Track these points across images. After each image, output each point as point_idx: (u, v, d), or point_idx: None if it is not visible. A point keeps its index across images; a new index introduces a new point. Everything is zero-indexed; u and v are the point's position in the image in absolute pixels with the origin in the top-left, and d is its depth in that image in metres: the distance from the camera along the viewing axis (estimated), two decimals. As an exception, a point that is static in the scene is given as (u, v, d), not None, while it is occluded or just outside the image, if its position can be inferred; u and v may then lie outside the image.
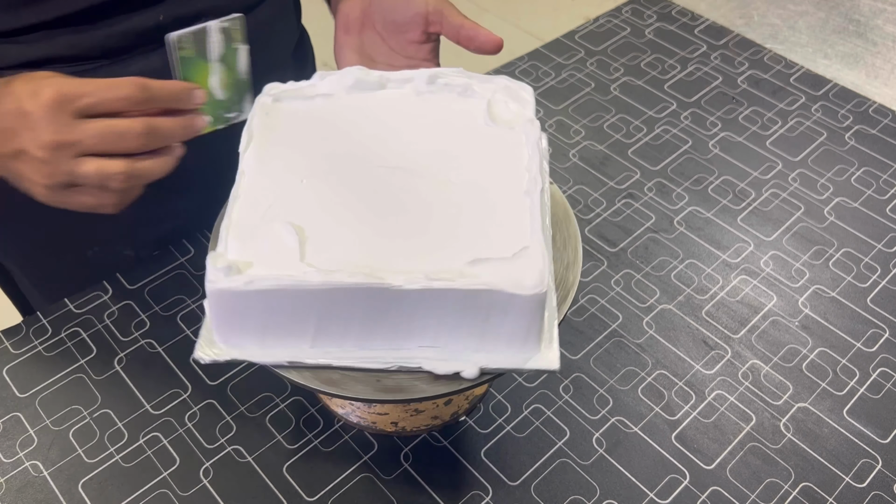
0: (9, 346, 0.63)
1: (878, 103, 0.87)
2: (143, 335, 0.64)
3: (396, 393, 0.44)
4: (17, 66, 0.58)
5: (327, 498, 0.55)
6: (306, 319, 0.44)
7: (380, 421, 0.57)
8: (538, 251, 0.44)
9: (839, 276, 0.70)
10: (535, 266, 0.43)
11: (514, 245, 0.44)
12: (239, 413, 0.59)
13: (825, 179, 0.78)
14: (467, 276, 0.42)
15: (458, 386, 0.44)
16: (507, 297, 0.42)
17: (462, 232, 0.46)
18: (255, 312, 0.44)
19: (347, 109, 0.53)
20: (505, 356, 0.45)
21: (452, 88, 0.54)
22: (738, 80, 0.89)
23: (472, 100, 0.53)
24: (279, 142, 0.51)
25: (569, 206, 0.54)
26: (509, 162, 0.49)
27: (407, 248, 0.45)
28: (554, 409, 0.60)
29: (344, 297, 0.42)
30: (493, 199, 0.47)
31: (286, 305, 0.43)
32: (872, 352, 0.64)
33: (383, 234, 0.45)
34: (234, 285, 0.42)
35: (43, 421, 0.59)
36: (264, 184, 0.48)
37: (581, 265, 0.50)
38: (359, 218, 0.46)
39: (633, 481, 0.56)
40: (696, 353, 0.64)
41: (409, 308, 0.43)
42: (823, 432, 0.59)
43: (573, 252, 0.51)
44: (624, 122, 0.84)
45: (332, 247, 0.45)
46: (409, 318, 0.44)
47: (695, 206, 0.76)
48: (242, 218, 0.46)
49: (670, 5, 1.00)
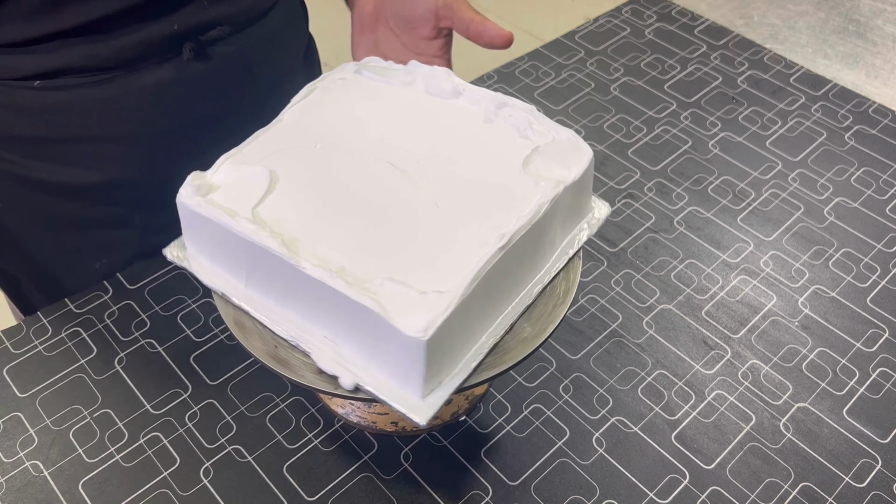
0: (9, 346, 0.63)
1: (878, 103, 0.87)
2: (143, 335, 0.64)
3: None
4: (33, 77, 0.58)
5: (327, 498, 0.55)
6: (239, 261, 0.47)
7: (380, 421, 0.57)
8: (446, 301, 0.41)
9: (839, 276, 0.70)
10: (431, 312, 0.40)
11: (443, 283, 0.42)
12: (239, 413, 0.59)
13: (825, 179, 0.78)
14: (366, 289, 0.42)
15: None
16: (389, 327, 0.41)
17: (427, 251, 0.44)
18: (205, 235, 0.48)
19: (394, 103, 0.54)
20: (384, 385, 0.43)
21: (513, 124, 0.51)
22: (738, 80, 0.89)
23: (524, 141, 0.51)
24: (322, 109, 0.53)
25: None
26: (512, 208, 0.46)
27: (378, 242, 0.45)
28: (554, 409, 0.60)
29: (265, 257, 0.44)
30: (470, 232, 0.45)
31: (222, 240, 0.46)
32: (872, 352, 0.64)
33: (364, 219, 0.46)
34: (189, 202, 0.46)
35: (43, 421, 0.59)
36: (284, 135, 0.51)
37: (581, 265, 0.51)
38: (349, 203, 0.47)
39: (633, 481, 0.56)
40: (695, 353, 0.64)
41: (314, 294, 0.44)
42: (823, 432, 0.59)
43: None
44: (624, 122, 0.84)
45: (303, 216, 0.46)
46: (314, 305, 0.44)
47: (695, 206, 0.76)
48: (249, 152, 0.50)
49: (670, 5, 1.00)
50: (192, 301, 0.66)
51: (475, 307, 0.43)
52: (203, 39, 0.62)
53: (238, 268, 0.47)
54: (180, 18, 0.60)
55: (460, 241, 0.45)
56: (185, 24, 0.61)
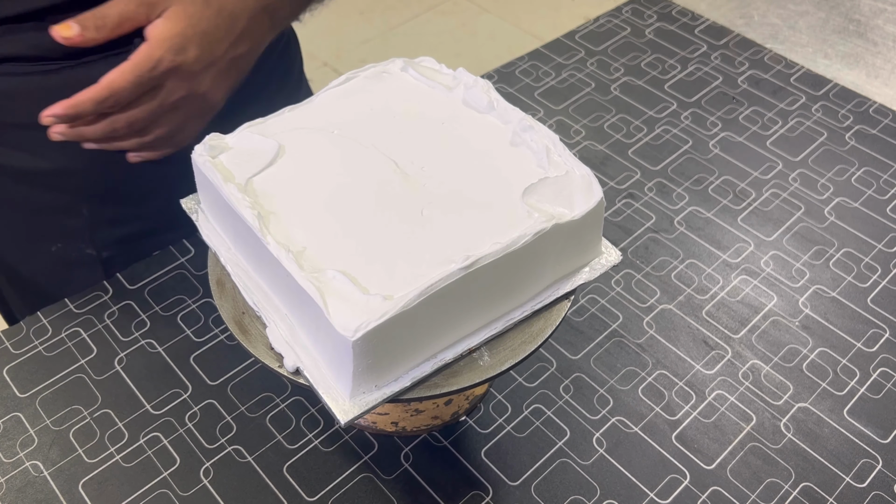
0: (9, 346, 0.63)
1: (878, 103, 0.87)
2: (143, 335, 0.64)
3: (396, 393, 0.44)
4: None
5: (327, 498, 0.55)
6: (227, 224, 0.49)
7: (380, 421, 0.57)
8: (385, 308, 0.40)
9: (839, 276, 0.70)
10: (367, 315, 0.40)
11: (394, 290, 0.42)
12: (239, 413, 0.59)
13: (825, 179, 0.78)
14: (315, 278, 0.42)
15: (457, 385, 0.44)
16: (325, 320, 0.40)
17: (392, 255, 0.44)
18: (206, 193, 0.50)
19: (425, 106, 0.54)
20: (323, 374, 0.44)
21: (534, 150, 0.50)
22: (738, 80, 0.89)
23: (538, 170, 0.49)
24: (354, 97, 0.54)
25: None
26: (493, 234, 0.45)
27: (348, 235, 0.45)
28: (554, 409, 0.60)
29: (243, 226, 0.45)
30: (441, 247, 0.45)
31: (217, 201, 0.48)
32: (873, 352, 0.64)
33: (345, 210, 0.47)
34: (198, 159, 0.48)
35: (43, 421, 0.59)
36: (309, 115, 0.52)
37: (568, 307, 0.49)
38: (338, 192, 0.48)
39: (633, 481, 0.56)
40: (696, 353, 0.64)
41: (275, 271, 0.44)
42: (824, 432, 0.59)
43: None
44: (624, 122, 0.84)
45: (290, 194, 0.47)
46: (276, 281, 0.45)
47: (695, 206, 0.76)
48: (270, 125, 0.51)
49: (670, 5, 1.00)
50: (192, 301, 0.66)
51: (425, 322, 0.42)
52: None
53: (228, 229, 0.49)
54: None
55: (429, 253, 0.44)
56: None
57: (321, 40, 2.16)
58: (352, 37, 2.22)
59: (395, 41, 2.20)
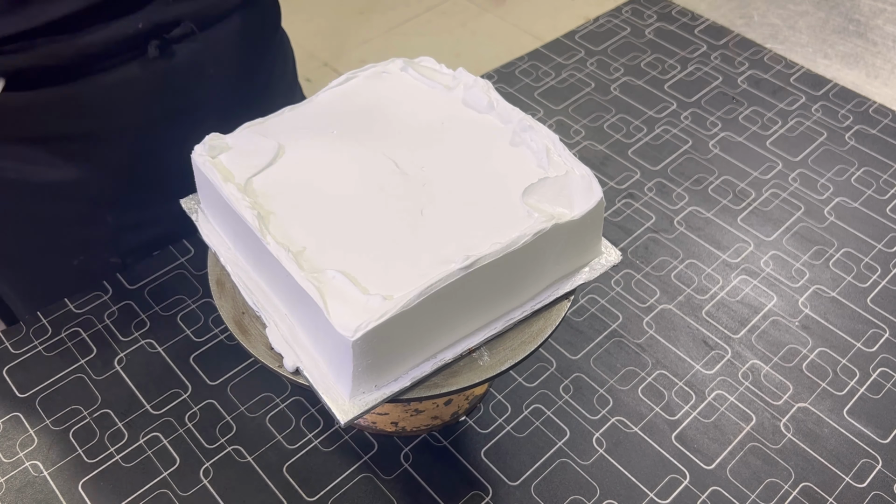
0: (9, 346, 0.63)
1: (878, 103, 0.87)
2: (143, 335, 0.64)
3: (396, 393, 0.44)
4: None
5: (327, 498, 0.55)
6: (227, 224, 0.49)
7: (380, 421, 0.57)
8: (385, 308, 0.40)
9: (839, 276, 0.70)
10: (367, 315, 0.40)
11: (394, 290, 0.42)
12: (239, 413, 0.59)
13: (825, 179, 0.78)
14: (315, 278, 0.42)
15: (457, 385, 0.44)
16: (325, 320, 0.40)
17: (391, 255, 0.44)
18: (206, 193, 0.50)
19: (425, 106, 0.54)
20: (323, 374, 0.44)
21: (534, 150, 0.50)
22: (738, 80, 0.89)
23: (538, 170, 0.49)
24: (354, 97, 0.54)
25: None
26: (493, 233, 0.45)
27: (348, 235, 0.45)
28: (554, 409, 0.60)
29: (243, 224, 0.45)
30: (441, 247, 0.44)
31: (217, 201, 0.48)
32: (872, 352, 0.64)
33: (344, 210, 0.47)
34: (198, 159, 0.49)
35: (43, 421, 0.59)
36: (309, 115, 0.52)
37: (568, 307, 0.49)
38: (337, 191, 0.48)
39: (633, 481, 0.56)
40: (696, 353, 0.64)
41: (275, 271, 0.44)
42: (823, 432, 0.59)
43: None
44: (624, 122, 0.84)
45: (289, 195, 0.47)
46: (276, 281, 0.45)
47: (695, 206, 0.76)
48: (270, 125, 0.52)
49: (670, 5, 1.00)
50: (192, 301, 0.66)
51: (424, 322, 0.42)
52: (168, 37, 0.62)
53: (227, 229, 0.49)
54: (144, 17, 0.60)
55: (428, 253, 0.44)
56: (150, 22, 0.60)
57: (321, 40, 2.16)
58: (352, 37, 2.22)
59: (395, 41, 2.20)
